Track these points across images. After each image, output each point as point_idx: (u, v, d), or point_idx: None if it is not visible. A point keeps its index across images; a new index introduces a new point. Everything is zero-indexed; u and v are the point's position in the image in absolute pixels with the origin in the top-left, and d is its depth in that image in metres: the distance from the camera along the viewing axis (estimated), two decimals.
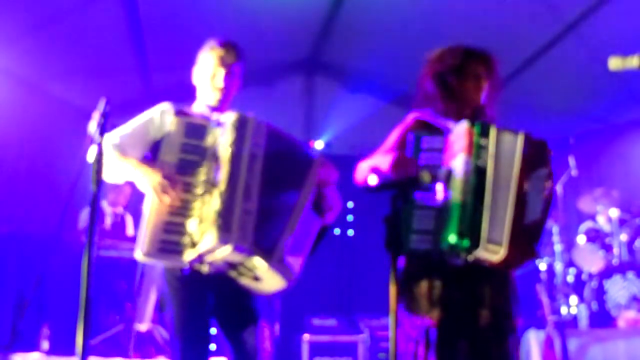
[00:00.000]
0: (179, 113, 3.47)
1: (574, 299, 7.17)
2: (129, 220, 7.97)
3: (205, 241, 3.11)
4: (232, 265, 3.30)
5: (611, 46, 7.07)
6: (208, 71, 3.64)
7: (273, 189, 3.34)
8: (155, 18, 7.49)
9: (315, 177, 3.48)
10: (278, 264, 3.26)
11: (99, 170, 2.89)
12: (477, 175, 3.21)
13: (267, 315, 3.51)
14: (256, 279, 3.33)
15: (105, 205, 7.94)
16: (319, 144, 9.90)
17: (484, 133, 3.28)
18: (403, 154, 3.36)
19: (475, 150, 3.24)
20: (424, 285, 3.38)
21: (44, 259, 7.09)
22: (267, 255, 3.22)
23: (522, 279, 7.53)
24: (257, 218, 3.22)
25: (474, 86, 3.63)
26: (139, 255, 3.13)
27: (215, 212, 3.13)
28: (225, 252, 3.14)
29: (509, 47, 7.67)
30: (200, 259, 3.19)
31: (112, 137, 3.42)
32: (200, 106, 3.71)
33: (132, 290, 6.53)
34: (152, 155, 3.44)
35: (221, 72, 3.62)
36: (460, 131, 3.30)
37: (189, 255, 3.15)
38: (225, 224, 3.10)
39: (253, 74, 8.90)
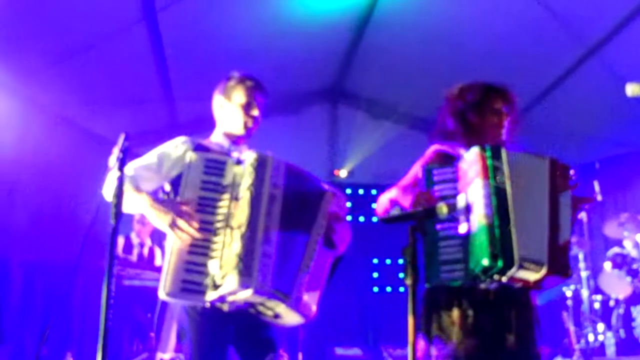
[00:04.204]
0: (198, 148, 3.51)
1: (600, 326, 7.08)
2: (158, 252, 8.05)
3: (226, 284, 3.12)
4: (252, 304, 3.34)
5: (635, 70, 7.06)
6: (240, 100, 3.67)
7: (289, 228, 3.35)
8: (180, 49, 7.58)
9: (327, 212, 3.50)
10: (296, 304, 3.29)
11: (118, 204, 2.91)
12: (497, 196, 3.22)
13: (286, 344, 3.52)
14: (276, 316, 3.37)
15: (133, 236, 8.03)
16: (342, 172, 9.94)
17: (496, 155, 3.29)
18: (422, 190, 3.37)
19: (491, 172, 3.25)
20: (455, 313, 3.37)
21: (67, 287, 7.13)
22: (286, 297, 3.24)
23: (548, 307, 7.54)
24: (276, 260, 3.24)
25: (495, 122, 3.66)
26: (161, 294, 3.15)
27: (237, 256, 3.15)
28: (246, 295, 3.17)
29: (532, 73, 7.69)
30: (222, 299, 3.21)
31: (128, 169, 3.43)
32: (218, 136, 3.74)
33: (156, 319, 6.55)
34: (173, 189, 3.45)
35: (254, 102, 3.68)
36: (471, 157, 3.32)
37: (210, 296, 3.16)
38: (246, 268, 3.12)
39: (278, 103, 9.13)
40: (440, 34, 7.65)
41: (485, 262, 3.13)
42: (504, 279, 3.22)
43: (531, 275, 3.20)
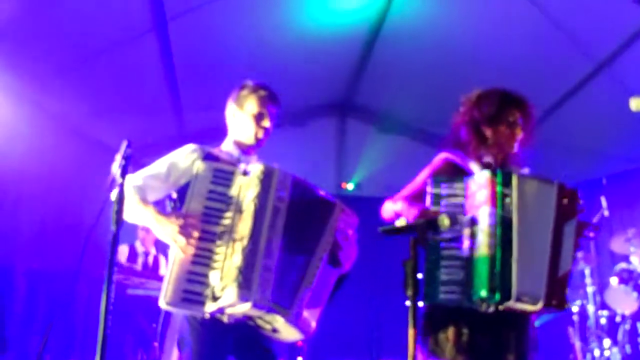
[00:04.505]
0: (208, 157, 3.50)
1: (607, 342, 7.03)
2: (163, 261, 8.03)
3: (225, 297, 3.11)
4: (251, 318, 3.32)
5: None
6: (252, 111, 3.67)
7: (293, 242, 3.32)
8: (189, 59, 7.63)
9: (334, 228, 3.46)
10: (295, 319, 3.26)
11: (119, 211, 2.92)
12: (502, 226, 3.20)
13: (287, 356, 3.50)
14: (274, 330, 3.35)
15: (137, 245, 8.03)
16: (350, 186, 9.95)
17: (507, 182, 3.26)
18: (425, 208, 3.36)
19: (499, 201, 3.22)
20: (451, 331, 3.37)
21: (70, 295, 7.12)
22: (285, 312, 3.22)
23: (554, 323, 7.50)
24: (277, 274, 3.21)
25: (509, 134, 3.61)
26: (162, 304, 3.14)
27: (237, 268, 3.13)
28: (244, 308, 3.15)
29: (540, 88, 7.65)
30: (220, 311, 3.20)
31: (136, 178, 3.44)
32: (229, 145, 3.73)
33: (159, 329, 6.54)
34: (179, 198, 3.43)
35: (266, 112, 3.67)
36: (481, 181, 3.30)
37: (209, 307, 3.15)
38: (245, 282, 3.11)
39: (287, 116, 9.10)
40: (450, 48, 7.68)
41: (483, 293, 3.14)
42: (501, 308, 3.23)
43: (527, 307, 3.20)
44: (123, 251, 7.83)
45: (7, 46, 6.38)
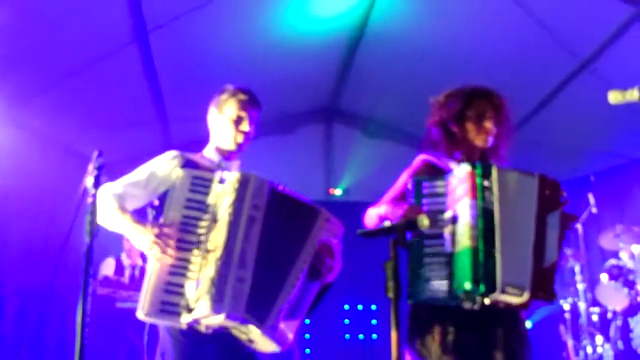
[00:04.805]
0: (187, 164, 3.48)
1: (599, 339, 7.04)
2: None
3: (199, 309, 3.09)
4: (227, 328, 3.28)
5: (628, 80, 7.03)
6: (231, 115, 3.64)
7: (270, 252, 3.28)
8: (173, 70, 7.61)
9: (317, 238, 3.42)
10: (271, 331, 3.22)
11: (92, 222, 2.90)
12: (484, 218, 3.18)
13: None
14: (250, 341, 3.31)
15: (124, 257, 7.99)
16: (337, 191, 9.93)
17: (486, 174, 3.25)
18: (411, 205, 3.35)
19: (479, 192, 3.21)
20: (436, 331, 3.36)
21: (41, 310, 7.08)
22: (260, 323, 3.17)
23: (546, 321, 7.50)
24: (252, 285, 3.18)
25: (478, 128, 3.61)
26: (140, 315, 3.12)
27: (210, 279, 3.10)
28: (218, 320, 3.13)
29: (525, 88, 7.70)
30: (196, 322, 3.17)
31: (115, 186, 3.43)
32: (210, 151, 3.71)
33: (145, 342, 6.52)
34: (160, 206, 3.39)
35: (246, 116, 3.64)
36: (461, 175, 3.28)
37: (185, 319, 3.12)
38: (218, 294, 3.08)
39: (273, 122, 9.14)
40: (433, 51, 7.67)
41: (467, 285, 3.10)
42: (487, 301, 3.20)
43: (514, 299, 3.16)
44: (110, 264, 7.79)
45: None
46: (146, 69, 7.44)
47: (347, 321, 10.37)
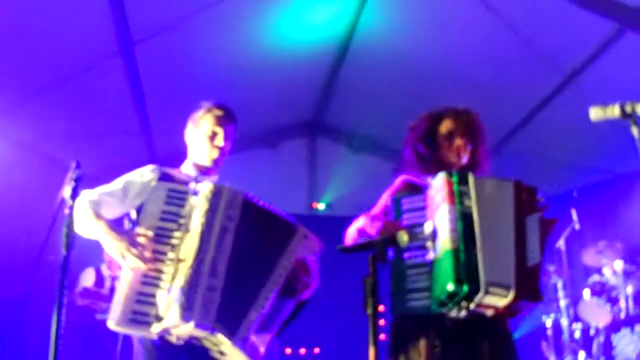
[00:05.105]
0: (163, 177, 3.48)
1: (581, 355, 7.03)
2: None
3: (168, 317, 3.09)
4: (198, 339, 3.26)
5: (611, 96, 7.06)
6: (206, 131, 3.66)
7: (244, 263, 3.29)
8: (158, 82, 7.59)
9: (293, 254, 3.43)
10: (242, 343, 3.21)
11: (69, 234, 2.88)
12: (463, 221, 3.20)
13: None
14: (221, 353, 3.29)
15: (104, 269, 7.91)
16: (321, 205, 9.92)
17: (463, 180, 3.29)
18: (388, 220, 3.36)
19: (457, 197, 3.24)
20: (422, 344, 3.33)
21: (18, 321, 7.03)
22: (230, 334, 3.16)
23: (528, 337, 7.49)
24: (223, 294, 3.18)
25: (449, 145, 3.68)
26: (110, 324, 3.11)
27: (180, 288, 3.11)
28: (188, 329, 3.12)
29: (508, 103, 7.73)
30: (166, 332, 3.16)
31: (92, 194, 3.43)
32: (188, 167, 3.72)
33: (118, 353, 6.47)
34: (136, 218, 3.41)
35: (221, 132, 3.66)
36: (438, 183, 3.31)
37: (155, 328, 3.11)
38: (187, 302, 3.09)
39: (256, 136, 9.11)
40: (418, 66, 7.70)
41: (450, 287, 3.07)
42: (472, 306, 3.16)
43: (499, 301, 3.14)
44: (89, 275, 7.71)
45: None
46: (131, 81, 7.43)
47: None
